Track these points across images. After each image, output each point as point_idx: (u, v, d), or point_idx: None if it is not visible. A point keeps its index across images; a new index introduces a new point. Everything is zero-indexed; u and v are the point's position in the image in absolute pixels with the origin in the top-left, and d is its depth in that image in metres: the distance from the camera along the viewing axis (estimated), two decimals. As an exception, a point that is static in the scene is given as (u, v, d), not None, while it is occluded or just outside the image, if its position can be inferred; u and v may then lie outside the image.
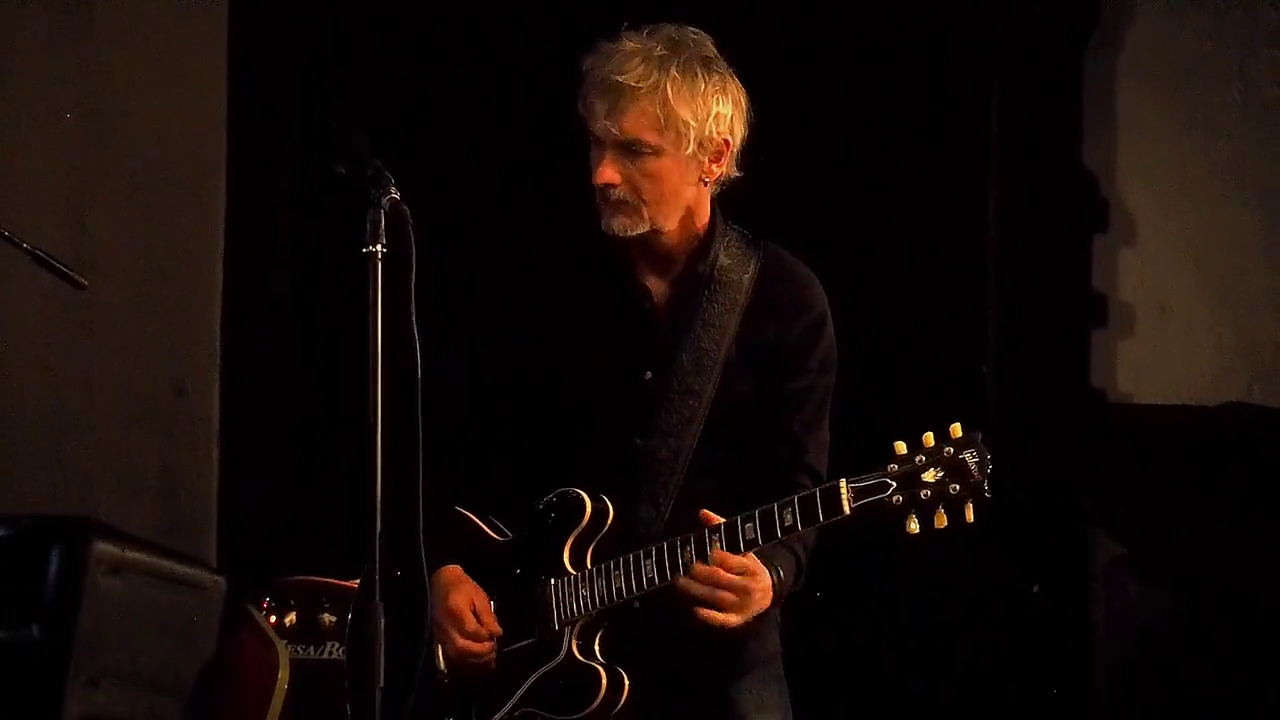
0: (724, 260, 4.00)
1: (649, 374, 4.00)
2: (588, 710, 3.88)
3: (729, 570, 3.78)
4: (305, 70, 5.98)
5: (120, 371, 5.99)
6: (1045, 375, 6.07)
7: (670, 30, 3.92)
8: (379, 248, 3.45)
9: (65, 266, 4.43)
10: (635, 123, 3.85)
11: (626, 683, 3.89)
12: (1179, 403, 6.06)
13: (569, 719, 3.91)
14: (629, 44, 3.88)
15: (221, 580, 4.76)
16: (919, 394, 5.85)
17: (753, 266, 4.02)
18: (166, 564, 4.67)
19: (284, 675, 4.61)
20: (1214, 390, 6.06)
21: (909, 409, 5.77)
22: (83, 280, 4.45)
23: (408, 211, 3.48)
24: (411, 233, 3.48)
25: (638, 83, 3.83)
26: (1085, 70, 6.12)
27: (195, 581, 4.77)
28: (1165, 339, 6.19)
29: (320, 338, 5.91)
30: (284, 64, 5.97)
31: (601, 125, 3.86)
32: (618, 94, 3.84)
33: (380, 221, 3.46)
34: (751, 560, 3.80)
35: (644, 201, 3.90)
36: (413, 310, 3.48)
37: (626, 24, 3.94)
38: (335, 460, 5.65)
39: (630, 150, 3.86)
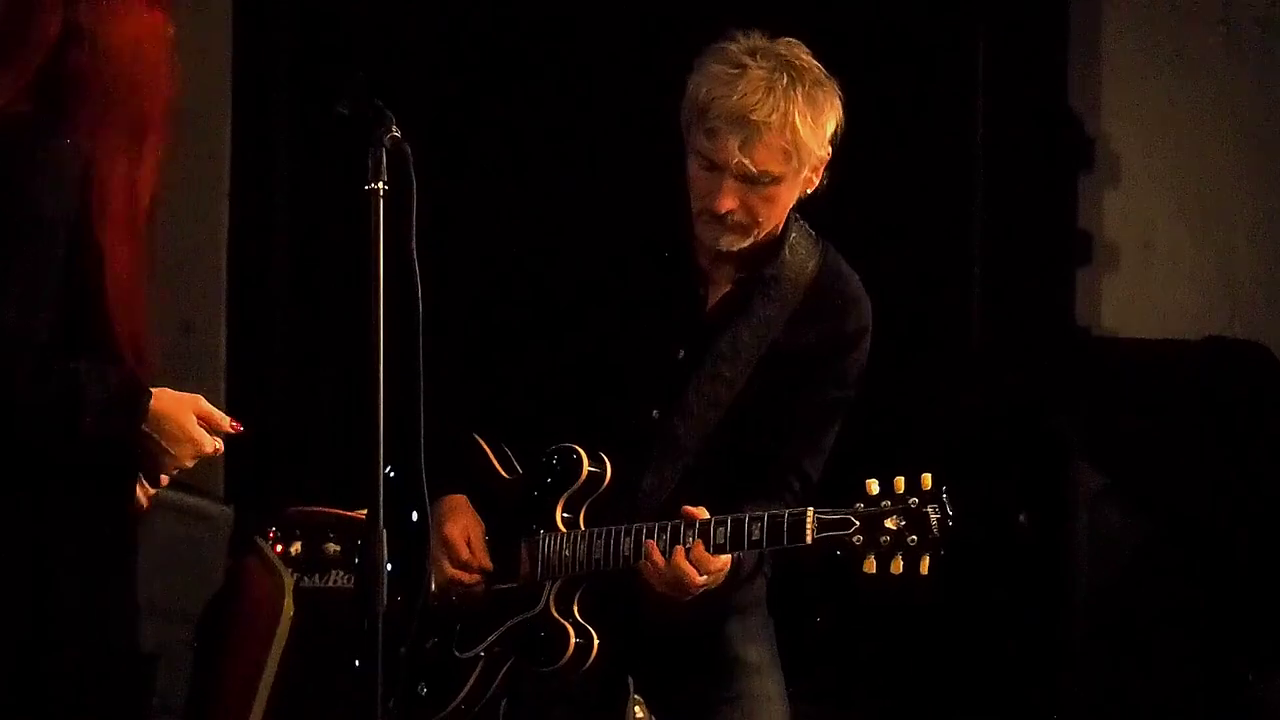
0: (787, 257, 4.00)
1: (682, 352, 4.01)
2: (555, 666, 3.94)
3: (702, 570, 3.83)
4: (311, 9, 6.01)
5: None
6: (1032, 311, 6.15)
7: (776, 48, 3.89)
8: (380, 185, 3.46)
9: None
10: (766, 157, 3.82)
11: (595, 645, 3.93)
12: (1162, 337, 6.13)
13: (538, 670, 3.97)
14: (753, 71, 3.83)
15: (229, 511, 4.85)
16: (907, 332, 5.89)
17: (811, 267, 4.02)
18: (176, 496, 4.76)
19: (289, 604, 4.67)
20: (1196, 325, 6.13)
21: (898, 350, 5.85)
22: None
23: (408, 149, 3.48)
24: (412, 171, 3.49)
25: (769, 117, 3.80)
26: (1070, 11, 6.18)
27: (203, 513, 4.87)
28: (1148, 275, 6.25)
29: (324, 274, 5.93)
30: (289, 4, 6.01)
31: (734, 160, 3.82)
32: (750, 130, 3.80)
33: (382, 160, 3.47)
34: (723, 563, 3.85)
35: (757, 223, 3.89)
36: (413, 246, 3.51)
37: (728, 34, 3.92)
38: (340, 394, 5.65)
39: (752, 179, 3.85)
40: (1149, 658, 5.79)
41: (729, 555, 3.84)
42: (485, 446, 4.14)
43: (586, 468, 3.98)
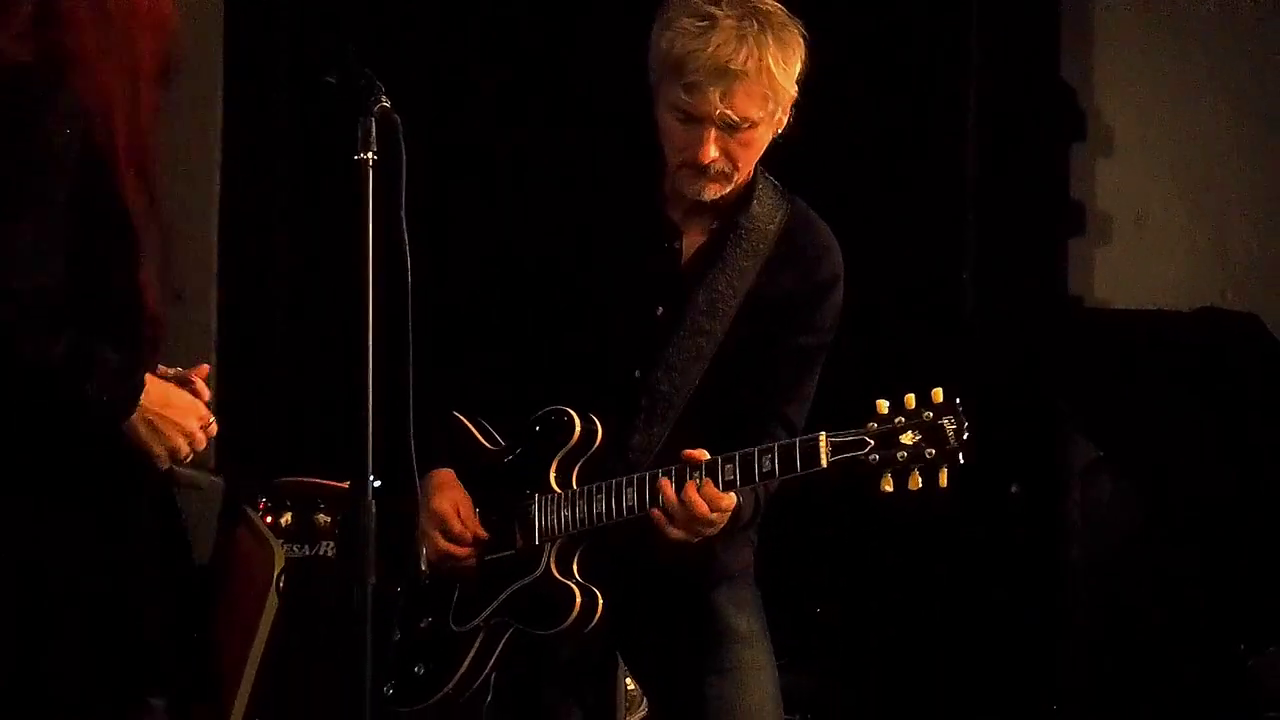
0: (756, 209, 4.01)
1: (661, 309, 4.00)
2: (560, 628, 3.92)
3: (714, 508, 3.82)
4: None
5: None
6: (1024, 282, 6.15)
7: None
8: (370, 155, 3.45)
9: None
10: (746, 104, 3.84)
11: (600, 602, 3.91)
12: (1154, 308, 6.13)
13: (543, 634, 3.96)
14: (722, 21, 3.84)
15: (219, 481, 4.83)
16: (900, 303, 5.92)
17: (779, 218, 4.03)
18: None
19: (279, 574, 4.68)
20: (1188, 295, 6.13)
21: (890, 319, 5.85)
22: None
23: (398, 119, 3.47)
24: (402, 140, 3.50)
25: (746, 65, 3.81)
26: (1063, -18, 6.21)
27: (194, 483, 4.84)
28: (1141, 246, 6.26)
29: (316, 243, 5.93)
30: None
31: (717, 111, 3.84)
32: (730, 79, 3.82)
33: (371, 129, 3.45)
34: (730, 500, 3.83)
35: (737, 169, 3.91)
36: (403, 216, 3.54)
37: None
38: (331, 364, 5.65)
39: (733, 127, 3.87)
40: (1143, 631, 5.80)
41: (734, 496, 3.82)
42: (466, 421, 4.13)
43: (580, 427, 3.98)
